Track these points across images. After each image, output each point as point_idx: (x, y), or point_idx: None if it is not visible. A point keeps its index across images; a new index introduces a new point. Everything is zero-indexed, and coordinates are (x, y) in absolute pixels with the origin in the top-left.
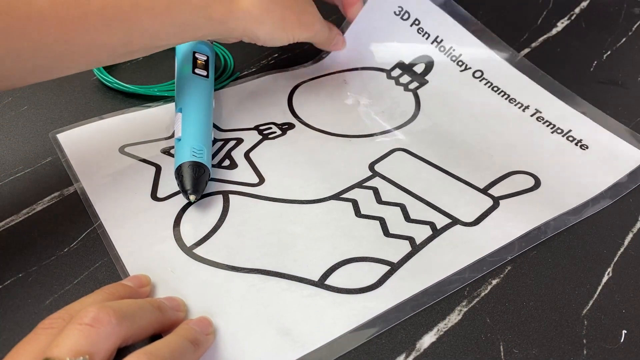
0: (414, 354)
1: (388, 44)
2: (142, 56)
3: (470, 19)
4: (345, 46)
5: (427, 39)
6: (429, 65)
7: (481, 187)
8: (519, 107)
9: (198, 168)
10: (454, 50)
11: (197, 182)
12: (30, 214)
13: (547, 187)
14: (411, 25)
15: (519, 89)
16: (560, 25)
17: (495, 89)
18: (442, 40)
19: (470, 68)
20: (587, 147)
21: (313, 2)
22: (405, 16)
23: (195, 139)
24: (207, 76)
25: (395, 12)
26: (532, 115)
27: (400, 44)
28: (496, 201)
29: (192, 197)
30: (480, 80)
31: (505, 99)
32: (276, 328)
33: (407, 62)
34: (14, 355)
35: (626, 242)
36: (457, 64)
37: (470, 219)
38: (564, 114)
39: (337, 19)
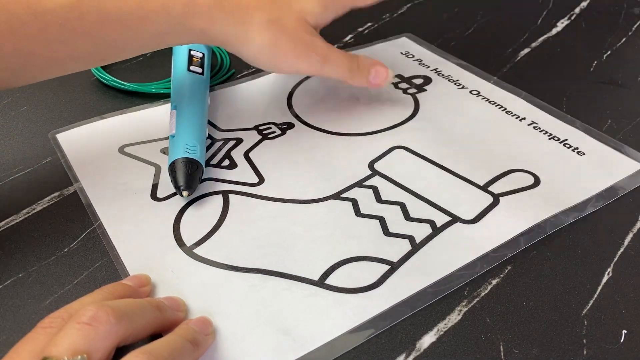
0: (414, 354)
1: (389, 63)
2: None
3: (467, 66)
4: (387, 80)
5: (427, 68)
6: (427, 81)
7: (481, 184)
8: (516, 118)
9: (191, 164)
10: (452, 76)
11: (190, 179)
12: (30, 214)
13: (547, 185)
14: (414, 60)
15: (515, 104)
16: (560, 25)
17: (492, 102)
18: (441, 71)
19: (467, 88)
20: (583, 154)
21: (318, 35)
22: (410, 56)
23: (189, 136)
24: (202, 73)
25: (401, 52)
26: (529, 125)
27: (401, 65)
28: (496, 198)
29: (184, 193)
30: (477, 96)
31: (502, 110)
32: (276, 328)
33: (406, 75)
34: (13, 355)
35: (626, 242)
36: (455, 84)
37: (471, 217)
38: (558, 127)
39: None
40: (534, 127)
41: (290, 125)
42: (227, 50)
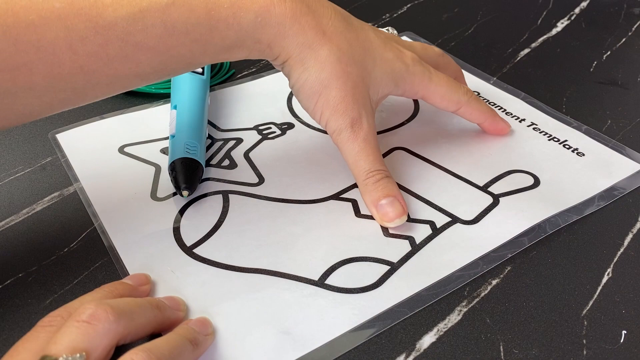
0: (414, 354)
1: None
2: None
3: (466, 66)
4: (390, 219)
5: None
6: None
7: (481, 184)
8: (516, 119)
9: (191, 164)
10: None
11: (190, 179)
12: (30, 214)
13: (546, 186)
14: None
15: (514, 105)
16: (560, 25)
17: (492, 103)
18: None
19: None
20: (583, 155)
21: (371, 108)
22: None
23: (189, 136)
24: (202, 73)
25: None
26: (528, 126)
27: None
28: (496, 199)
29: (184, 193)
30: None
31: (502, 111)
32: (276, 328)
33: None
34: (13, 354)
35: (626, 242)
36: None
37: (470, 217)
38: (558, 128)
39: None
40: (534, 128)
41: (290, 126)
42: (283, 71)
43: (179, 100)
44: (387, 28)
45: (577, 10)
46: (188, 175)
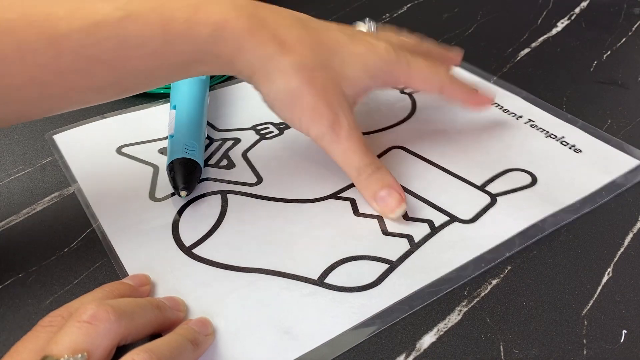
0: (414, 354)
1: None
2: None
3: (464, 64)
4: (390, 210)
5: None
6: None
7: (479, 184)
8: (513, 116)
9: (190, 164)
10: None
11: (188, 179)
12: (30, 214)
13: (544, 185)
14: None
15: (512, 103)
16: (560, 25)
17: None
18: None
19: None
20: (580, 151)
21: (348, 108)
22: None
23: (188, 136)
24: None
25: None
26: (525, 123)
27: None
28: (494, 198)
29: (183, 194)
30: None
31: (499, 109)
32: (276, 327)
33: None
34: (13, 354)
35: (626, 242)
36: None
37: (468, 216)
38: (555, 125)
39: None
40: (531, 125)
41: (288, 125)
42: (253, 86)
43: (178, 100)
44: (365, 19)
45: (577, 10)
46: (186, 175)
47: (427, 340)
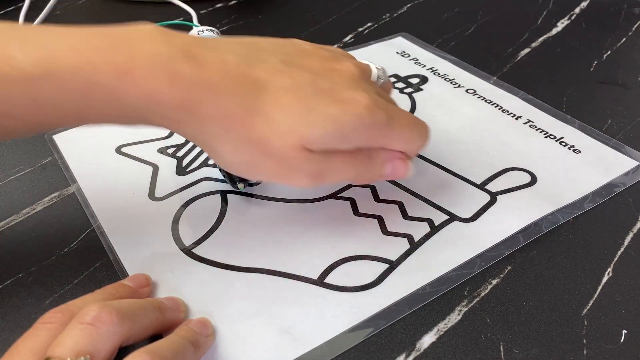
0: (414, 354)
1: (385, 63)
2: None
3: (463, 64)
4: (407, 173)
5: (423, 67)
6: (424, 80)
7: (478, 182)
8: (512, 117)
9: None
10: (448, 75)
11: None
12: (30, 214)
13: (543, 183)
14: (409, 60)
15: (511, 103)
16: (560, 25)
17: (489, 101)
18: (437, 70)
19: (463, 87)
20: (579, 152)
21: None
22: (405, 55)
23: None
24: None
25: (397, 52)
26: (525, 123)
27: (397, 65)
28: (493, 197)
29: (240, 185)
30: (473, 95)
31: (499, 109)
32: (276, 327)
33: (402, 75)
34: (13, 353)
35: (626, 242)
36: (451, 83)
37: (468, 215)
38: (554, 125)
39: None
40: (530, 126)
41: None
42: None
43: None
44: (379, 66)
45: (577, 10)
46: None
47: (427, 340)
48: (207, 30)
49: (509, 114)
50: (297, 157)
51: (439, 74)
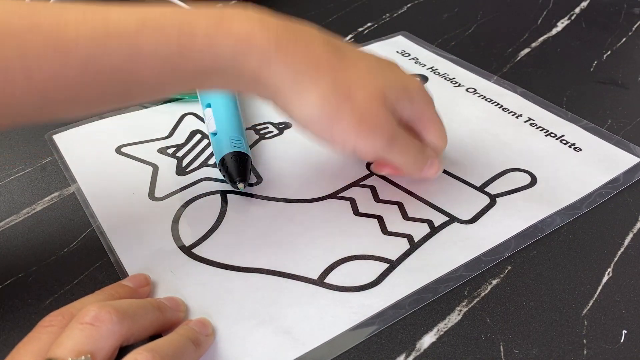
0: (414, 354)
1: None
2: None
3: (462, 63)
4: (437, 173)
5: (423, 66)
6: (424, 79)
7: (478, 185)
8: (513, 115)
9: (241, 157)
10: (448, 74)
11: (243, 170)
12: (30, 214)
13: (543, 185)
14: (410, 59)
15: (511, 101)
16: (560, 25)
17: (489, 100)
18: (437, 69)
19: (463, 86)
20: (580, 150)
21: (390, 114)
22: (406, 55)
23: (232, 130)
24: None
25: (397, 51)
26: (525, 122)
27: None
28: (493, 199)
29: (240, 185)
30: (473, 94)
31: (499, 108)
32: (276, 327)
33: None
34: (15, 356)
35: (626, 242)
36: (451, 82)
37: (468, 217)
38: (555, 123)
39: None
40: (531, 124)
41: (287, 125)
42: (277, 108)
43: (211, 98)
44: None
45: (577, 10)
46: (240, 167)
47: (427, 340)
48: None
49: (509, 112)
50: (378, 113)
51: (439, 73)
